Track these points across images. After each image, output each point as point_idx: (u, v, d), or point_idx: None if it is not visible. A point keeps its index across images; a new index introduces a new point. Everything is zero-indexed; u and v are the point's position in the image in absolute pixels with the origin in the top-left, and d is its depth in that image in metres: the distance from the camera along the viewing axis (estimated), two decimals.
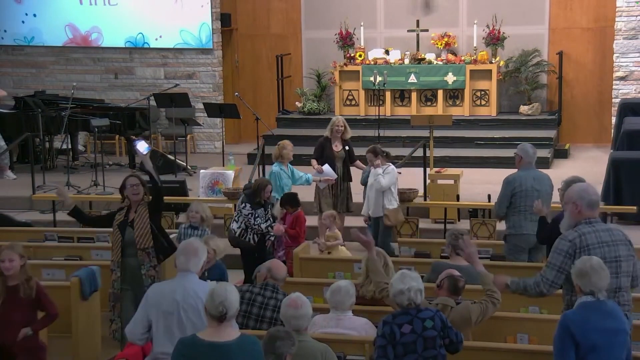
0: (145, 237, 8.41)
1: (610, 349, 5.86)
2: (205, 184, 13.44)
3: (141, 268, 8.35)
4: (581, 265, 5.96)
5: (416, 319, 6.15)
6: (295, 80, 18.92)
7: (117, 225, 8.47)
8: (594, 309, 5.89)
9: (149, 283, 8.05)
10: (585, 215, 6.73)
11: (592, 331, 5.81)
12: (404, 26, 17.98)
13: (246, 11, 19.14)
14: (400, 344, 6.05)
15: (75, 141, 17.07)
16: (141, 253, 8.37)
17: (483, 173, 14.42)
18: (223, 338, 5.54)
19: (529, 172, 9.73)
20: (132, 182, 8.45)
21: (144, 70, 18.44)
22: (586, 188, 7.03)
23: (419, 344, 6.11)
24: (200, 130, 17.91)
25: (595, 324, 5.84)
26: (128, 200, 8.53)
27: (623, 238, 6.72)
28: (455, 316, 6.89)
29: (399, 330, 6.09)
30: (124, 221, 8.47)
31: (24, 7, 18.55)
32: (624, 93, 16.50)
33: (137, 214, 8.45)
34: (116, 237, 8.47)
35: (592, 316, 5.86)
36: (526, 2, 17.75)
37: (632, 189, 12.61)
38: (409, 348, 6.09)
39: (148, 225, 8.43)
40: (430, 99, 17.70)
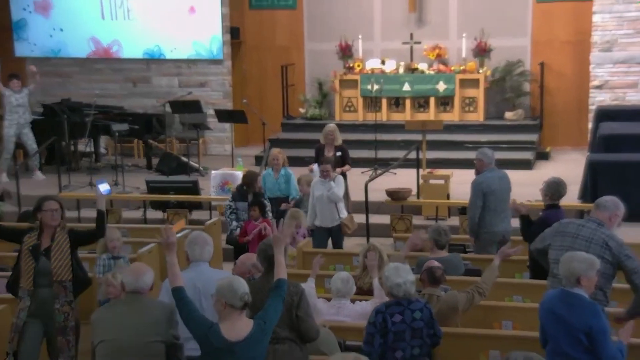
0: (64, 269, 7.03)
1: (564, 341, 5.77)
2: (216, 183, 13.42)
3: (55, 302, 6.98)
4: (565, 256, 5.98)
5: (407, 309, 6.17)
6: (298, 88, 18.89)
7: (29, 250, 7.03)
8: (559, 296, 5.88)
9: (61, 320, 6.97)
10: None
11: (549, 315, 5.86)
12: (399, 39, 18.01)
13: (253, 25, 19.15)
14: (391, 332, 6.06)
15: (98, 144, 17.10)
16: (57, 286, 6.99)
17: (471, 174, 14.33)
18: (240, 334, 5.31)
19: (493, 172, 9.78)
20: (52, 207, 7.05)
21: (160, 80, 18.48)
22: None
23: (407, 334, 6.13)
24: (211, 134, 17.92)
25: (556, 309, 5.83)
26: (39, 223, 7.14)
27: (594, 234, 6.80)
28: (442, 305, 6.93)
29: (391, 319, 6.10)
30: (37, 246, 7.04)
31: (51, 22, 18.58)
32: (600, 100, 16.50)
33: (54, 242, 7.05)
34: (28, 264, 7.00)
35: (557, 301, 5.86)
36: (511, 17, 17.74)
37: (608, 189, 12.53)
38: (399, 336, 6.10)
39: (68, 256, 7.06)
40: (423, 105, 17.71)
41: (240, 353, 5.23)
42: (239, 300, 5.26)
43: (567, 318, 5.76)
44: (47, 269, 6.98)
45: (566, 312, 5.77)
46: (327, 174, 10.70)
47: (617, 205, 7.05)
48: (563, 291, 5.86)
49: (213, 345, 5.23)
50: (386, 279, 6.31)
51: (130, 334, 5.44)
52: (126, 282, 5.77)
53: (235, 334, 5.25)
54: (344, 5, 18.51)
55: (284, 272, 5.62)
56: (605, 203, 7.01)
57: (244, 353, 5.24)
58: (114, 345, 5.44)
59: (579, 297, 5.83)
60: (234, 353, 5.22)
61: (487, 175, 9.70)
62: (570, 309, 5.77)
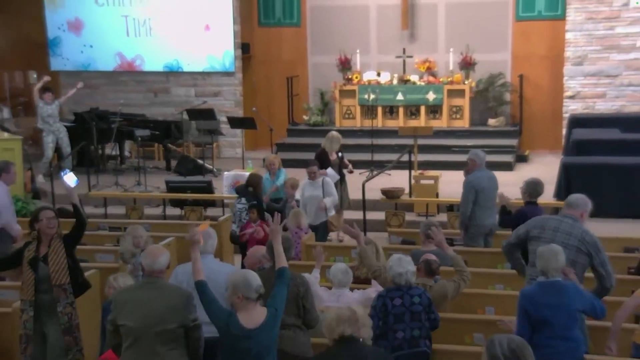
0: (61, 273, 6.76)
1: (559, 321, 5.82)
2: (228, 183, 13.42)
3: (57, 305, 6.74)
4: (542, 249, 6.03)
5: (406, 294, 6.20)
6: (302, 97, 18.92)
7: (28, 262, 6.78)
8: (546, 288, 5.89)
9: (65, 321, 6.76)
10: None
11: (541, 306, 5.81)
12: (393, 53, 18.01)
13: (262, 41, 19.17)
14: (391, 314, 6.09)
15: (122, 148, 17.11)
16: (57, 289, 6.74)
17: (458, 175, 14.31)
18: (255, 322, 5.27)
19: (483, 172, 9.78)
20: (48, 215, 6.81)
21: (178, 90, 18.49)
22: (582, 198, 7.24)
23: (407, 316, 6.14)
24: (224, 139, 17.92)
25: (546, 300, 5.82)
26: (36, 234, 6.87)
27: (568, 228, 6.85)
28: (434, 293, 6.89)
29: (391, 302, 6.12)
30: (36, 257, 6.79)
31: (82, 40, 18.61)
32: (573, 109, 16.53)
33: (50, 248, 6.80)
34: (28, 275, 6.76)
35: (542, 293, 5.86)
36: (493, 34, 17.76)
37: (580, 188, 12.46)
38: (399, 318, 6.12)
39: (64, 260, 6.80)
40: (415, 113, 17.75)
41: (257, 339, 5.22)
42: (254, 292, 5.25)
43: (562, 303, 5.83)
44: (46, 274, 6.74)
45: (558, 299, 5.83)
46: (315, 175, 10.77)
47: (586, 202, 7.10)
48: (546, 282, 5.89)
49: (232, 332, 5.22)
50: (389, 269, 6.33)
51: (152, 322, 5.34)
52: (144, 264, 5.60)
53: (251, 322, 5.24)
54: (343, 23, 18.52)
55: (283, 261, 5.63)
56: (576, 201, 7.05)
57: (260, 339, 5.23)
58: (137, 332, 5.36)
59: (564, 284, 5.97)
60: (251, 339, 5.21)
61: (477, 175, 9.72)
62: (560, 295, 5.85)
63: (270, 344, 5.32)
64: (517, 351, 3.46)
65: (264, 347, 5.24)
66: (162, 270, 5.58)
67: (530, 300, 5.86)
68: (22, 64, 20.22)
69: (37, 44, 19.11)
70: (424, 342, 6.17)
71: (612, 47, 16.38)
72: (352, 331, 4.77)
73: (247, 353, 5.21)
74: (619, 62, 16.39)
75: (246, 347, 5.21)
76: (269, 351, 5.31)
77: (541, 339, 5.78)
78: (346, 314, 4.80)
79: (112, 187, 14.61)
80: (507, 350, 3.46)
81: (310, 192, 10.74)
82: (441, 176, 13.37)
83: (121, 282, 6.40)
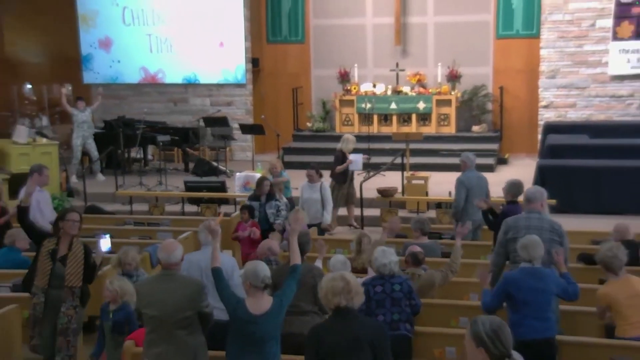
0: (76, 277, 6.44)
1: (537, 303, 5.87)
2: (239, 183, 13.36)
3: (62, 305, 6.40)
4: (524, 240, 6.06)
5: (387, 282, 6.16)
6: (306, 106, 18.90)
7: (49, 253, 6.50)
8: (529, 273, 5.93)
9: (64, 322, 6.40)
10: (524, 206, 6.99)
11: (524, 289, 5.85)
12: (387, 67, 17.98)
13: (270, 56, 19.18)
14: (373, 299, 6.05)
15: (146, 152, 17.11)
16: (67, 290, 6.42)
17: (445, 176, 14.35)
18: (262, 309, 5.25)
19: (472, 173, 9.82)
20: (74, 218, 6.54)
21: (195, 100, 18.49)
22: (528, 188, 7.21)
23: (387, 302, 6.11)
24: (236, 144, 17.91)
25: (529, 283, 5.88)
26: (60, 231, 6.56)
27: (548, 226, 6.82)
28: (423, 281, 6.95)
29: (373, 289, 6.09)
30: (54, 251, 6.49)
31: (111, 56, 18.62)
32: (547, 117, 16.51)
33: (71, 251, 6.49)
34: (45, 265, 6.45)
35: (525, 277, 5.91)
36: (476, 50, 17.77)
37: (553, 188, 12.64)
38: (380, 304, 6.09)
39: (82, 265, 6.48)
40: (407, 120, 17.73)
41: (262, 324, 5.20)
42: (261, 282, 5.24)
43: (542, 287, 5.89)
44: (61, 273, 6.44)
45: (538, 283, 5.89)
46: (313, 178, 10.58)
47: (542, 193, 7.08)
48: (530, 268, 5.94)
49: (239, 316, 5.22)
50: (375, 260, 6.30)
51: (170, 310, 5.35)
52: (160, 258, 5.55)
53: (258, 308, 5.23)
54: (342, 40, 18.52)
55: (298, 258, 5.57)
56: (534, 195, 7.00)
57: (264, 324, 5.20)
58: (158, 319, 5.38)
59: (544, 270, 6.05)
60: (256, 324, 5.19)
61: (467, 175, 9.77)
62: (541, 280, 5.91)
63: (274, 330, 5.28)
64: (498, 330, 3.47)
65: (267, 332, 5.22)
66: (177, 263, 5.56)
67: (515, 283, 5.91)
68: (58, 78, 20.30)
69: (72, 60, 19.16)
70: (404, 325, 6.12)
71: (581, 62, 16.37)
72: (346, 302, 4.70)
73: (251, 336, 5.20)
74: (587, 75, 16.38)
75: (251, 331, 5.19)
76: (272, 337, 5.28)
77: (519, 318, 5.82)
78: (340, 286, 4.71)
79: (137, 186, 14.60)
80: (489, 329, 3.47)
81: (309, 195, 10.58)
82: (430, 177, 13.36)
83: (117, 285, 6.16)
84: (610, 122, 16.07)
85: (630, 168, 12.76)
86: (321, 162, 16.17)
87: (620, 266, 6.29)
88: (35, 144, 15.15)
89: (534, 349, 5.62)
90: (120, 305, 6.16)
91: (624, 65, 16.02)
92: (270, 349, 5.26)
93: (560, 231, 6.80)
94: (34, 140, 15.38)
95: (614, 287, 6.25)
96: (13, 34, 20.54)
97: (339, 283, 4.72)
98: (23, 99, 20.40)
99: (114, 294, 6.13)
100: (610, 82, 16.28)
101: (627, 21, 15.84)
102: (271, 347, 5.27)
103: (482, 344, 3.45)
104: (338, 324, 4.65)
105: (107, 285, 6.24)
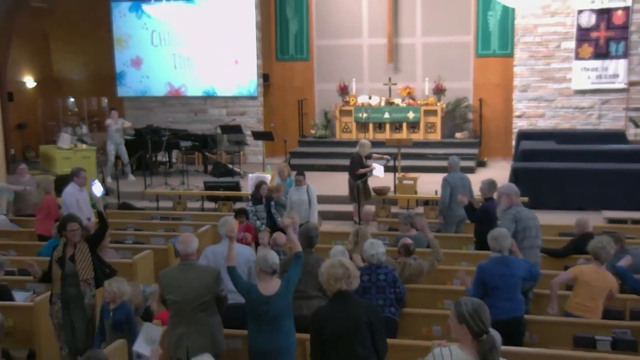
0: (87, 270, 6.30)
1: (506, 287, 5.89)
2: (252, 183, 13.17)
3: (84, 298, 6.27)
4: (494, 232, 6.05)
5: (374, 272, 6.11)
6: (310, 116, 18.90)
7: (57, 260, 6.31)
8: (498, 262, 5.94)
9: (90, 312, 6.31)
10: (515, 200, 6.98)
11: (495, 275, 5.87)
12: (381, 81, 18.00)
13: (279, 72, 19.17)
14: (360, 287, 5.88)
15: (171, 156, 17.15)
16: (83, 284, 6.27)
17: (432, 176, 14.33)
18: (271, 290, 5.30)
19: (456, 174, 9.84)
20: (73, 227, 6.32)
21: (213, 110, 18.49)
22: (511, 185, 7.28)
23: (373, 290, 6.06)
24: (249, 149, 17.89)
25: (499, 270, 5.89)
26: (65, 239, 6.37)
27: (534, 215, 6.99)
28: (412, 269, 6.98)
29: (360, 278, 6.00)
30: (63, 256, 6.30)
31: (141, 72, 18.63)
32: (520, 125, 16.52)
33: (77, 249, 6.33)
34: (56, 272, 6.27)
35: (496, 266, 5.92)
36: (459, 67, 17.74)
37: (525, 187, 12.60)
38: (366, 291, 6.03)
39: (90, 258, 6.35)
40: (398, 128, 17.72)
41: (273, 303, 5.25)
42: (269, 267, 5.29)
43: (511, 272, 5.92)
44: (73, 271, 6.25)
45: (507, 269, 5.91)
46: (301, 182, 10.09)
47: (510, 187, 7.19)
48: (499, 257, 5.95)
49: (254, 299, 5.27)
50: (364, 251, 6.28)
51: (191, 296, 5.37)
52: (179, 249, 5.55)
53: (268, 290, 5.28)
54: (342, 58, 18.52)
55: (298, 246, 5.65)
56: (501, 190, 7.16)
57: (275, 303, 5.26)
58: (180, 304, 5.40)
59: (510, 258, 6.08)
60: (269, 304, 5.24)
61: (452, 175, 9.80)
62: (509, 267, 5.93)
63: (284, 308, 5.31)
64: (478, 309, 3.51)
65: (278, 310, 5.26)
66: (193, 253, 5.57)
67: (487, 271, 5.92)
68: (96, 92, 20.50)
69: (108, 76, 19.21)
70: (388, 309, 6.08)
71: (549, 78, 16.39)
72: (347, 286, 4.70)
73: (265, 315, 5.24)
74: (554, 90, 16.40)
75: (264, 310, 5.24)
76: (284, 314, 5.30)
77: (492, 301, 5.76)
78: (340, 272, 4.67)
79: (163, 186, 14.66)
80: (470, 308, 3.50)
81: (297, 197, 10.03)
82: (419, 177, 13.39)
83: (115, 287, 5.88)
84: (574, 130, 16.10)
85: (590, 170, 12.76)
86: (323, 164, 16.39)
87: (606, 258, 6.34)
88: (76, 149, 15.35)
89: (505, 327, 5.64)
90: (119, 304, 5.87)
91: (585, 81, 16.14)
92: (283, 325, 5.30)
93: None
94: (75, 146, 15.57)
95: (591, 271, 6.29)
96: (59, 55, 20.77)
97: (340, 270, 4.69)
98: (66, 111, 20.53)
99: (113, 295, 5.87)
100: (574, 95, 16.32)
101: (587, 44, 16.02)
102: (284, 323, 5.31)
103: (464, 322, 3.48)
104: (339, 307, 4.63)
105: (105, 286, 5.96)
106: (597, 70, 16.03)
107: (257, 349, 5.29)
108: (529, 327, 6.11)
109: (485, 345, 3.43)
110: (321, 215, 10.96)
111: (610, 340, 5.91)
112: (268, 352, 5.24)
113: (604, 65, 15.98)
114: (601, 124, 16.20)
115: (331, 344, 4.49)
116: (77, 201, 9.31)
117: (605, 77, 16.03)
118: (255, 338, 5.30)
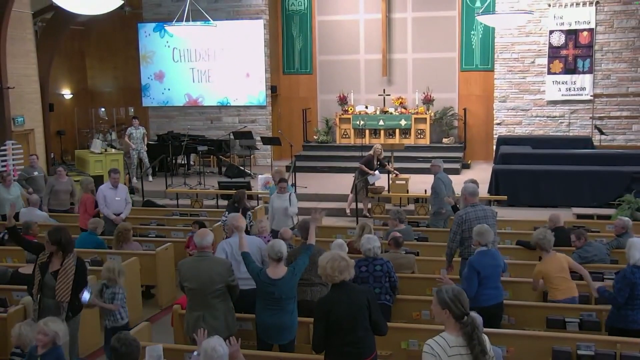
0: (65, 292, 5.39)
1: (493, 276, 5.93)
2: (261, 183, 13.39)
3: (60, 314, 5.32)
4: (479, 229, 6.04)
5: (371, 264, 6.09)
6: (313, 123, 18.88)
7: (39, 265, 5.55)
8: (486, 254, 5.95)
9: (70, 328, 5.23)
10: (469, 200, 6.90)
11: (486, 266, 5.87)
12: (376, 92, 18.00)
13: (285, 84, 19.17)
14: (358, 277, 5.90)
15: (189, 159, 17.12)
16: (57, 303, 5.42)
17: (422, 177, 14.35)
18: (278, 275, 5.37)
19: (444, 174, 9.83)
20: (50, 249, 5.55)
21: (227, 118, 18.46)
22: (467, 186, 7.21)
23: (370, 279, 6.05)
24: (258, 152, 17.88)
25: (488, 262, 5.90)
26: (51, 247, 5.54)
27: (491, 214, 6.86)
28: (403, 261, 6.99)
29: (359, 269, 5.95)
30: (46, 264, 5.51)
31: (164, 85, 18.60)
32: (500, 132, 16.51)
33: (62, 266, 5.47)
34: (37, 277, 5.50)
35: (484, 257, 5.92)
36: (445, 80, 17.71)
37: (504, 186, 12.70)
38: (364, 280, 6.01)
39: (71, 282, 5.42)
40: (392, 134, 17.68)
41: (279, 286, 5.33)
42: (275, 255, 5.39)
43: (497, 263, 5.95)
44: (52, 284, 5.43)
45: (493, 261, 5.93)
46: (283, 190, 9.02)
47: (466, 188, 7.02)
48: (486, 251, 5.92)
49: (262, 280, 5.36)
50: (361, 245, 6.27)
51: (207, 284, 5.38)
52: (196, 242, 5.52)
53: (275, 274, 5.38)
54: (342, 71, 18.50)
55: (313, 240, 5.71)
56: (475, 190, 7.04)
57: (281, 286, 5.34)
58: (197, 291, 5.42)
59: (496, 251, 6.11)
60: (276, 286, 5.33)
61: (442, 174, 9.74)
62: (494, 258, 5.95)
63: (289, 291, 5.36)
64: (458, 295, 3.51)
65: (284, 292, 5.33)
66: (208, 246, 5.55)
67: (479, 263, 5.89)
68: (124, 102, 20.57)
69: (134, 89, 19.31)
70: (384, 297, 6.07)
71: (525, 90, 16.41)
72: (348, 276, 4.67)
73: (272, 295, 5.33)
74: (530, 100, 16.42)
75: (271, 291, 5.33)
76: (288, 297, 5.36)
77: (480, 289, 5.87)
78: (342, 265, 4.59)
79: (182, 185, 14.66)
80: (451, 294, 3.51)
81: (278, 204, 8.98)
82: (410, 178, 13.40)
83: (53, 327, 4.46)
84: (547, 136, 16.10)
85: (562, 171, 12.74)
86: (324, 166, 16.41)
87: (549, 245, 6.34)
88: (106, 154, 15.41)
89: (490, 312, 5.74)
90: (50, 349, 4.44)
91: (556, 93, 16.25)
92: (288, 305, 5.38)
93: (495, 214, 6.95)
94: (106, 150, 15.58)
95: (546, 264, 6.32)
96: (93, 71, 21.22)
97: (342, 262, 4.63)
98: (98, 119, 20.60)
99: (50, 338, 4.43)
100: (547, 105, 16.35)
101: (558, 60, 16.18)
102: (288, 304, 5.38)
103: (446, 307, 3.49)
104: (341, 295, 4.59)
105: (40, 328, 4.48)
106: (566, 84, 16.18)
107: (263, 324, 5.41)
108: (507, 311, 6.15)
109: (467, 325, 3.43)
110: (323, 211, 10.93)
111: (578, 321, 5.99)
112: (273, 326, 5.36)
113: (573, 80, 16.11)
114: (570, 131, 16.22)
115: (336, 328, 4.49)
116: (105, 197, 9.42)
117: (574, 90, 16.15)
118: (262, 315, 5.41)
